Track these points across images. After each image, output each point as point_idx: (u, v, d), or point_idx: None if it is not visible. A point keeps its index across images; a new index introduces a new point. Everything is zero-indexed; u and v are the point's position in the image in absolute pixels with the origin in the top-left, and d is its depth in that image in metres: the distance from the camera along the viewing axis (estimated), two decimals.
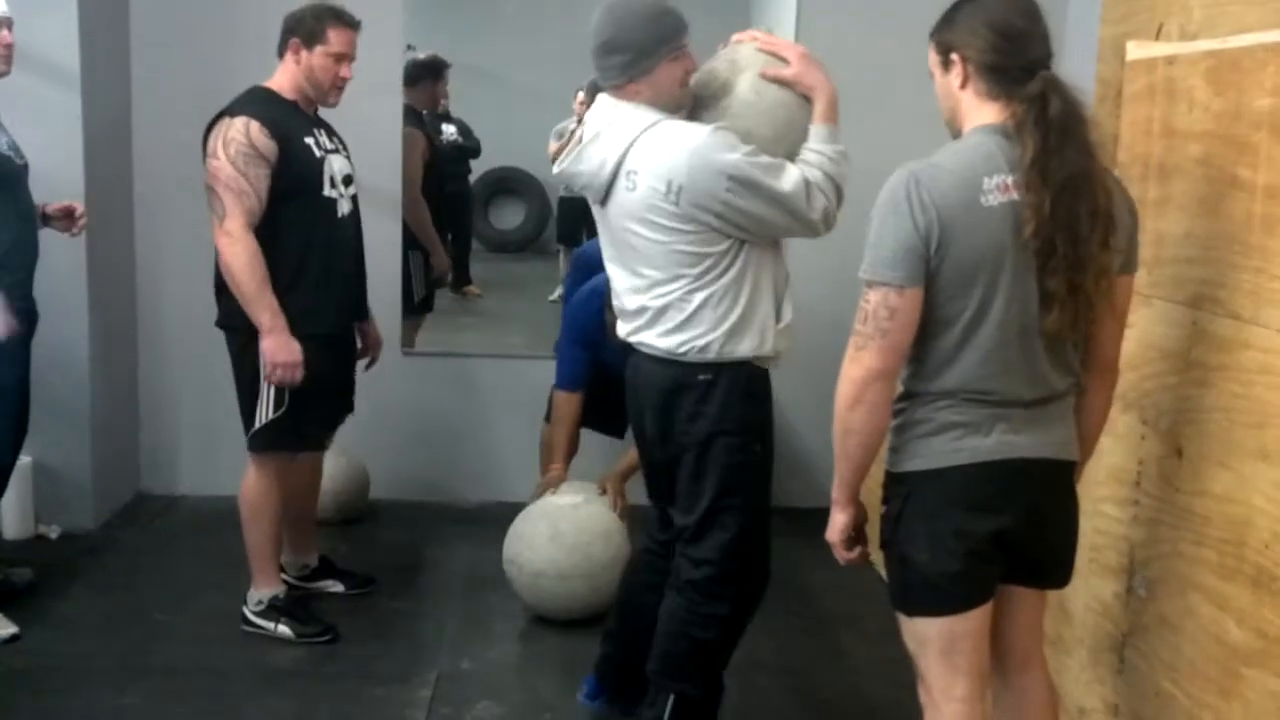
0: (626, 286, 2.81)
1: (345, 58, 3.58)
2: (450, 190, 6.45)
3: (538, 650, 3.73)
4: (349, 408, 3.95)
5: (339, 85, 3.61)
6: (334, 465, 4.53)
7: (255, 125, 3.42)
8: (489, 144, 7.51)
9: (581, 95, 7.58)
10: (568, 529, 3.78)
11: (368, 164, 3.96)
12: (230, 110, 3.48)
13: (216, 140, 3.44)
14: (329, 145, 3.64)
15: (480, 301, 7.22)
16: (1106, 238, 2.07)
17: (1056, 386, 2.17)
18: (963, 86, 2.17)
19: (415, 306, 5.32)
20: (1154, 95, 2.55)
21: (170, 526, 4.71)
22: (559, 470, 4.07)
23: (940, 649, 2.22)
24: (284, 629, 3.68)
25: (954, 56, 2.17)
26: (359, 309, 3.87)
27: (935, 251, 2.06)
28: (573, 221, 7.83)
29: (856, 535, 2.35)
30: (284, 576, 3.91)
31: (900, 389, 2.24)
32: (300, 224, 3.52)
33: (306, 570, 4.01)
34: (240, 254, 3.40)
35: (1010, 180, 2.06)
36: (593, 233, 7.86)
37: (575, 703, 3.38)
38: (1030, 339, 2.11)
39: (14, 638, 3.61)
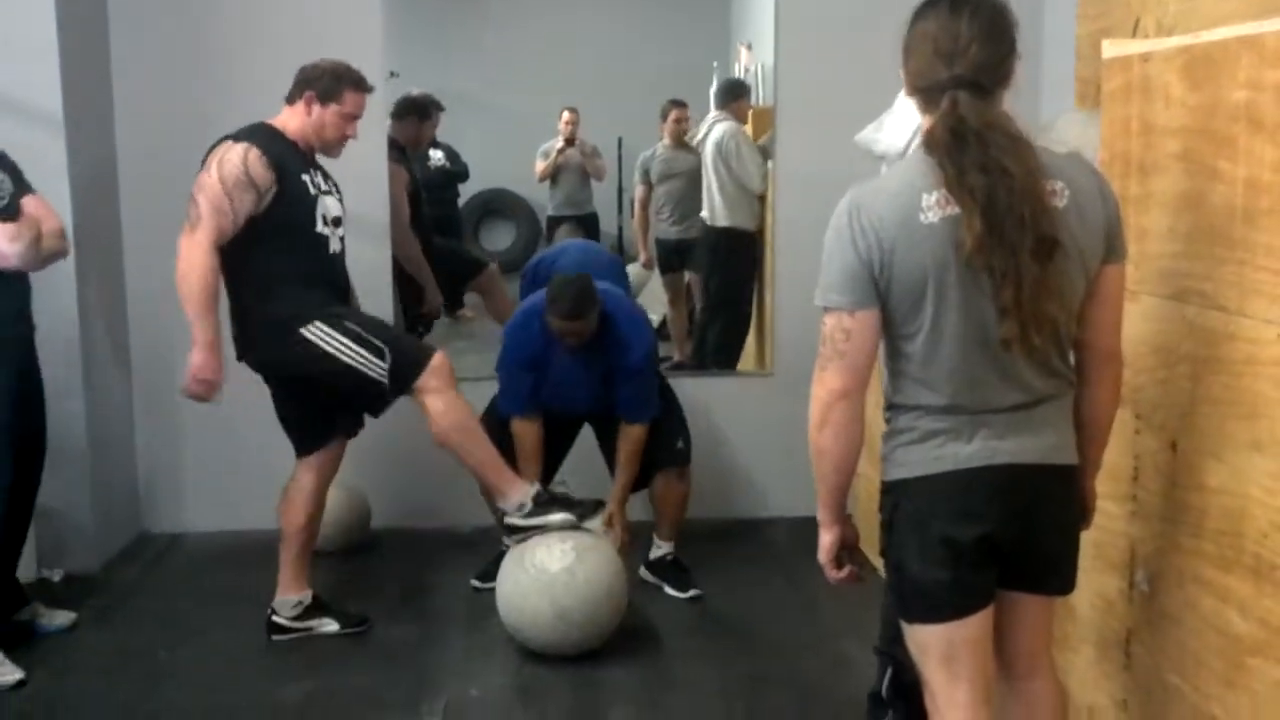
0: None
1: (355, 119, 3.75)
2: (438, 215, 6.47)
3: (545, 674, 3.72)
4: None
5: (343, 142, 3.77)
6: (334, 497, 4.52)
7: (255, 153, 3.53)
8: (476, 167, 7.53)
9: (567, 114, 7.64)
10: (573, 605, 3.64)
11: (353, 195, 3.97)
12: (235, 136, 3.60)
13: (213, 158, 3.55)
14: (323, 187, 3.75)
15: (473, 324, 7.22)
16: (1043, 248, 2.04)
17: (1040, 390, 2.16)
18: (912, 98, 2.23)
19: None
20: (1131, 93, 2.57)
21: (172, 565, 4.71)
22: None
23: (941, 655, 2.22)
24: (556, 517, 3.75)
25: (901, 72, 2.22)
26: None
27: (880, 273, 2.09)
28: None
29: (847, 554, 2.35)
30: (276, 619, 3.91)
31: (885, 400, 2.26)
32: (294, 255, 3.63)
33: (300, 609, 3.96)
34: (200, 262, 3.49)
35: (947, 195, 2.06)
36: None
37: None
38: (997, 348, 2.10)
39: (20, 683, 3.61)
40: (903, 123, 2.89)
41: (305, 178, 3.67)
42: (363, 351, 3.59)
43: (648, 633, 4.02)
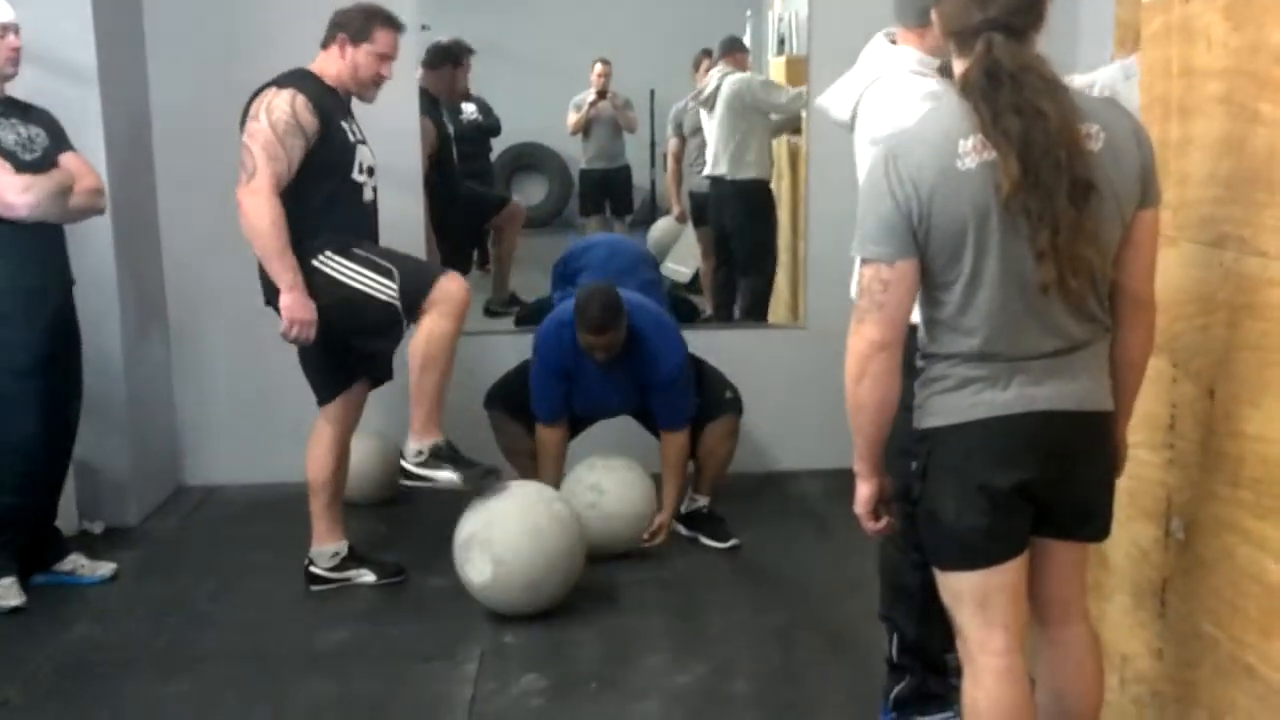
0: None
1: (388, 58, 3.76)
2: (471, 170, 6.45)
3: (578, 623, 3.75)
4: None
5: (378, 83, 3.78)
6: (369, 447, 4.58)
7: (301, 99, 3.57)
8: (508, 120, 7.50)
9: (600, 67, 7.60)
10: (537, 578, 3.67)
11: (385, 147, 3.97)
12: (278, 82, 3.62)
13: (260, 105, 3.57)
14: (359, 136, 3.77)
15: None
16: (1079, 191, 2.03)
17: (1077, 336, 2.15)
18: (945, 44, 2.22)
19: None
20: (1171, 35, 2.52)
21: (209, 517, 4.76)
22: None
23: (975, 603, 2.23)
24: (447, 475, 3.72)
25: (933, 15, 2.23)
26: None
27: (919, 223, 2.08)
28: (595, 194, 7.82)
29: (884, 506, 2.36)
30: (314, 569, 3.96)
31: (920, 349, 2.26)
32: (332, 202, 3.66)
33: (337, 559, 4.01)
34: (265, 211, 3.52)
35: (984, 140, 2.05)
36: (615, 209, 7.83)
37: (617, 673, 3.41)
38: (1034, 293, 2.09)
39: (17, 609, 3.77)
40: (846, 92, 2.84)
41: (345, 125, 3.71)
42: (371, 274, 3.61)
43: (680, 583, 4.04)
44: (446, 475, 3.72)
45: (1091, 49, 4.24)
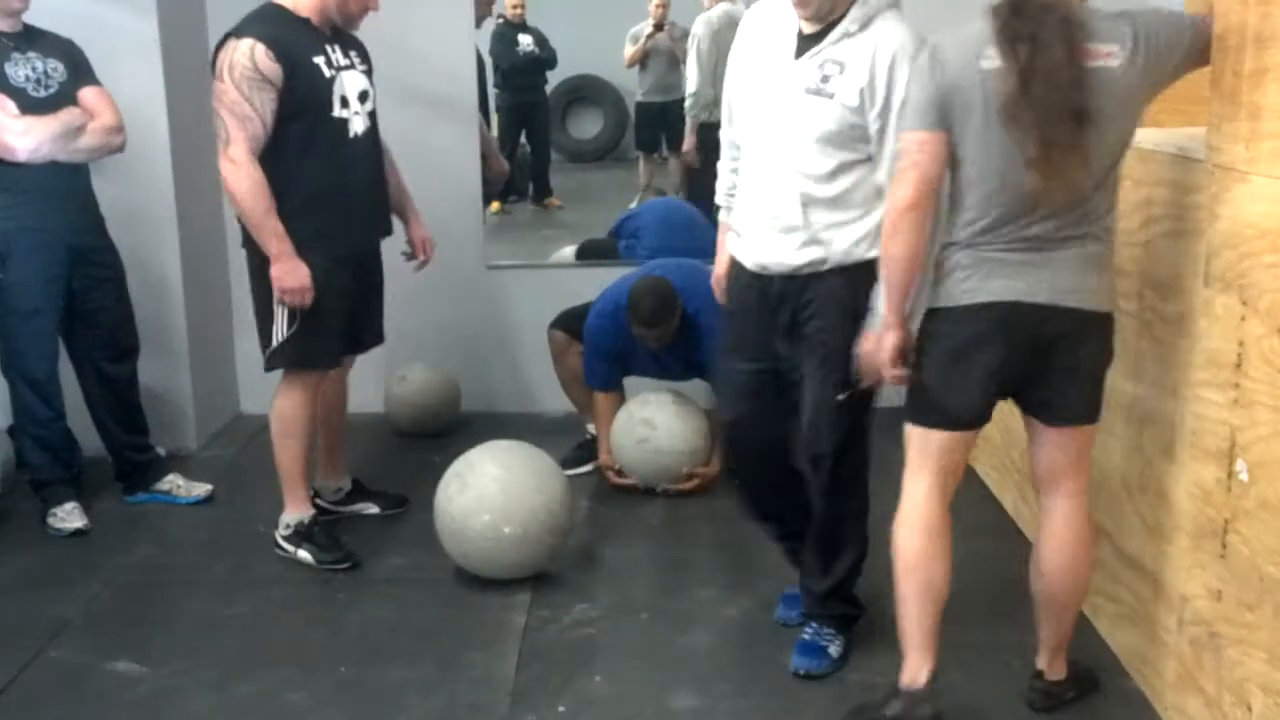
0: None
1: None
2: (527, 101, 6.41)
3: (630, 555, 3.78)
4: (377, 336, 3.90)
5: (364, 13, 3.55)
6: (425, 380, 4.61)
7: (261, 48, 3.34)
8: (564, 52, 7.44)
9: None
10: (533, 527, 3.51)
11: (438, 74, 3.92)
12: (237, 31, 3.40)
13: (222, 63, 3.36)
14: (342, 62, 3.52)
15: (561, 212, 7.21)
16: (1078, 117, 2.33)
17: (1058, 236, 2.45)
18: None
19: None
20: None
21: (266, 444, 4.78)
22: (608, 459, 4.27)
23: (915, 448, 2.67)
24: (304, 554, 3.69)
25: None
26: (380, 227, 3.77)
27: (946, 104, 2.46)
28: (651, 128, 7.75)
29: (903, 357, 2.65)
30: (319, 501, 3.95)
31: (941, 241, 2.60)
32: (309, 146, 3.46)
33: (340, 494, 4.02)
34: (243, 181, 3.37)
35: (1000, 52, 2.39)
36: (671, 142, 7.76)
37: (668, 604, 3.43)
38: (1022, 193, 2.40)
39: (79, 532, 3.86)
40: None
41: (318, 59, 3.44)
42: (285, 315, 3.55)
43: (731, 518, 4.01)
44: (305, 556, 3.69)
45: None
